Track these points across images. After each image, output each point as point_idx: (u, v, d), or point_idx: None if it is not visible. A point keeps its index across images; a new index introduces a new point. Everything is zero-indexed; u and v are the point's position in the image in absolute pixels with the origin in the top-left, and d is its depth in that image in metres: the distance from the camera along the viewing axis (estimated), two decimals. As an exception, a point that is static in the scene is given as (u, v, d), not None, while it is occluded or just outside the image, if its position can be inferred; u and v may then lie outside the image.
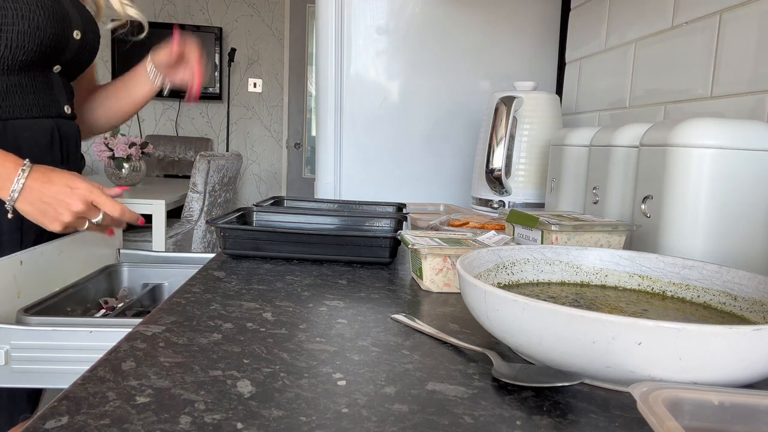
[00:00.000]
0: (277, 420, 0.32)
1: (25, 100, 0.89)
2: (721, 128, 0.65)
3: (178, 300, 0.55)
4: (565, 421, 0.34)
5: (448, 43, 1.46)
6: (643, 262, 0.56)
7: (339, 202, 1.13)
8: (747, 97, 0.83)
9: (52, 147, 0.94)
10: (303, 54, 4.52)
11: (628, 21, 1.17)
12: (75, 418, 0.31)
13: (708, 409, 0.30)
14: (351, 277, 0.67)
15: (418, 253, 0.62)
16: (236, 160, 3.05)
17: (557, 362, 0.38)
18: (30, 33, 0.85)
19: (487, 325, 0.42)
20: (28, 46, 0.85)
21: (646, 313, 0.49)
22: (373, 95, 1.44)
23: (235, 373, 0.38)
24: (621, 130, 0.84)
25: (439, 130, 1.48)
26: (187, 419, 0.32)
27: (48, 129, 0.93)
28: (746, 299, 0.49)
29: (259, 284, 0.62)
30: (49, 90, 0.93)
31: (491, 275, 0.53)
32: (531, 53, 1.50)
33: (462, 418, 0.33)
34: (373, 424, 0.32)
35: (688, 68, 0.97)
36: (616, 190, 0.85)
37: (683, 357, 0.34)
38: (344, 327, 0.49)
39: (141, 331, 0.45)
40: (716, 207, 0.65)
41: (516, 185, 1.20)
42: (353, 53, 1.43)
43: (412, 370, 0.40)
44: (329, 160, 1.45)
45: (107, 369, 0.38)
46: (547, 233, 0.71)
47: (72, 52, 0.95)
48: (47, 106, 0.92)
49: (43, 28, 0.86)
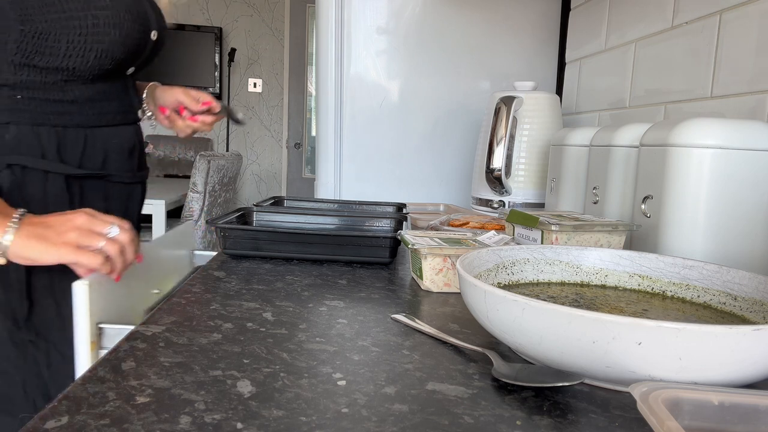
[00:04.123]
0: (277, 420, 0.32)
1: (109, 107, 0.86)
2: (721, 128, 0.65)
3: (178, 300, 0.55)
4: (565, 421, 0.34)
5: (448, 43, 1.46)
6: (643, 262, 0.56)
7: (339, 202, 1.13)
8: (747, 97, 0.83)
9: (132, 154, 0.91)
10: (303, 54, 4.52)
11: (628, 21, 1.17)
12: (75, 418, 0.31)
13: (708, 409, 0.30)
14: (351, 277, 0.67)
15: (418, 253, 0.62)
16: (236, 160, 3.05)
17: (557, 362, 0.38)
18: (120, 41, 0.81)
19: (487, 325, 0.42)
20: (117, 54, 0.81)
21: (646, 313, 0.49)
22: (373, 95, 1.44)
23: (235, 373, 0.38)
24: (621, 130, 0.84)
25: (439, 130, 1.48)
26: (187, 419, 0.32)
27: (130, 135, 0.90)
28: (746, 299, 0.49)
29: (259, 284, 0.62)
30: (126, 95, 0.90)
31: (491, 275, 0.53)
32: (531, 53, 1.50)
33: (462, 418, 0.33)
34: (373, 424, 0.32)
35: (688, 68, 0.97)
36: (616, 190, 0.85)
37: (683, 357, 0.34)
38: (344, 327, 0.49)
39: (141, 331, 0.45)
40: (716, 207, 0.65)
41: (516, 185, 1.20)
42: (353, 53, 1.43)
43: (412, 370, 0.40)
44: (329, 160, 1.45)
45: (107, 369, 0.38)
46: (547, 233, 0.71)
47: (147, 54, 0.91)
48: (127, 112, 0.90)
49: (132, 35, 0.83)
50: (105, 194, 0.86)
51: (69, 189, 0.81)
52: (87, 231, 0.70)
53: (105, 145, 0.85)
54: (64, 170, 0.80)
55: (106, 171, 0.86)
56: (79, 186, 0.82)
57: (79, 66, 0.78)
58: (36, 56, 0.75)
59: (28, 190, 0.78)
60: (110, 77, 0.86)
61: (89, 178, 0.83)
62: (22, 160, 0.77)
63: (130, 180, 0.91)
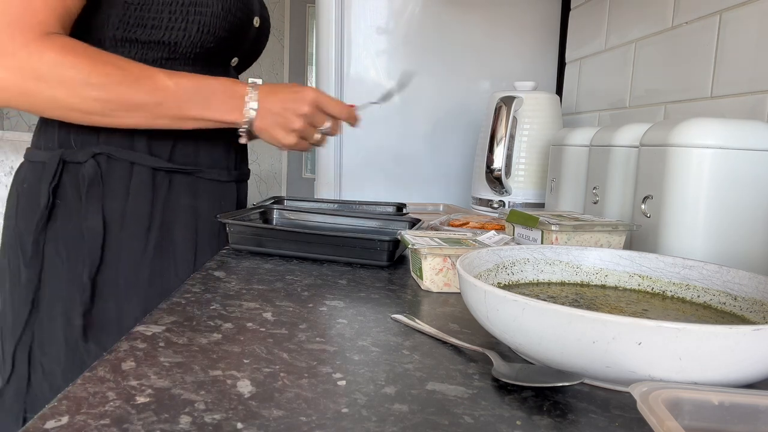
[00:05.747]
0: (277, 420, 0.32)
1: None
2: (721, 128, 0.65)
3: (178, 300, 0.55)
4: (565, 421, 0.34)
5: (448, 43, 1.46)
6: (643, 262, 0.56)
7: (339, 202, 1.13)
8: (747, 97, 0.83)
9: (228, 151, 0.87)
10: (303, 54, 4.53)
11: (628, 21, 1.17)
12: (75, 418, 0.31)
13: (708, 409, 0.30)
14: (351, 277, 0.67)
15: (418, 253, 0.62)
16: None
17: (557, 362, 0.38)
18: (222, 16, 0.77)
19: (487, 325, 0.42)
20: (218, 31, 0.77)
21: (646, 313, 0.49)
22: (373, 95, 1.44)
23: (235, 373, 0.38)
24: (621, 130, 0.84)
25: (439, 130, 1.48)
26: (187, 419, 0.32)
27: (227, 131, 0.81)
28: (746, 299, 0.49)
29: (259, 284, 0.62)
30: None
31: (491, 275, 0.53)
32: (531, 53, 1.50)
33: (462, 418, 0.33)
34: (373, 424, 0.32)
35: (688, 68, 0.97)
36: (616, 190, 0.85)
37: (683, 357, 0.34)
38: (344, 327, 0.49)
39: (141, 331, 0.46)
40: (716, 207, 0.65)
41: (516, 185, 1.20)
42: (353, 53, 1.43)
43: (412, 370, 0.40)
44: (329, 160, 1.45)
45: (107, 369, 0.38)
46: (547, 233, 0.71)
47: (250, 42, 0.88)
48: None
49: (234, 12, 0.79)
50: (194, 191, 0.82)
51: (154, 183, 0.77)
52: (310, 124, 0.78)
53: (197, 140, 0.81)
54: (151, 163, 0.77)
55: (197, 167, 0.82)
56: (167, 180, 0.79)
57: (180, 40, 0.75)
58: (138, 29, 0.73)
59: (112, 181, 0.75)
60: (212, 64, 0.82)
61: (178, 173, 0.80)
62: (110, 150, 0.75)
63: (224, 178, 0.86)
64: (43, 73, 0.65)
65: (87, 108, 0.68)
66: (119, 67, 0.69)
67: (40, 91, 0.66)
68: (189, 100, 0.72)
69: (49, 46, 0.66)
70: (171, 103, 0.71)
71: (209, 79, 0.74)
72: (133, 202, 0.76)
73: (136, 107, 0.70)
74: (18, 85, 0.65)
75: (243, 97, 0.74)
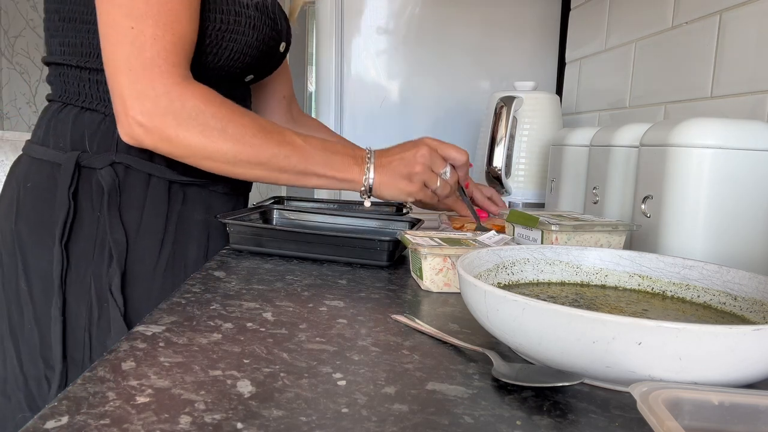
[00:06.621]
0: (277, 420, 0.32)
1: None
2: (721, 128, 0.65)
3: (178, 300, 0.55)
4: (565, 421, 0.34)
5: (448, 43, 1.46)
6: (643, 262, 0.56)
7: (339, 202, 1.13)
8: (747, 97, 0.83)
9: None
10: (303, 54, 4.52)
11: (628, 21, 1.17)
12: (75, 418, 0.31)
13: (708, 409, 0.30)
14: (351, 277, 0.67)
15: (418, 253, 0.62)
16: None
17: (557, 362, 0.38)
18: (255, 45, 0.78)
19: (487, 325, 0.42)
20: (247, 58, 0.79)
21: (646, 313, 0.49)
22: (373, 95, 1.44)
23: (235, 373, 0.38)
24: (621, 130, 0.84)
25: (439, 130, 1.48)
26: (187, 419, 0.32)
27: None
28: (746, 299, 0.49)
29: (259, 284, 0.62)
30: (244, 104, 0.86)
31: (491, 275, 0.53)
32: (531, 53, 1.50)
33: (462, 418, 0.33)
34: (373, 424, 0.32)
35: (688, 68, 0.97)
36: (616, 190, 0.85)
37: (683, 357, 0.34)
38: (344, 327, 0.49)
39: (141, 331, 0.46)
40: (716, 207, 0.65)
41: (516, 185, 1.20)
42: (353, 53, 1.43)
43: (412, 370, 0.40)
44: (329, 160, 1.44)
45: (107, 369, 0.38)
46: (547, 233, 0.71)
47: (272, 65, 0.89)
48: None
49: (266, 42, 0.80)
50: (207, 204, 0.82)
51: (170, 195, 0.77)
52: (429, 169, 0.79)
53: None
54: (169, 176, 0.77)
55: (209, 179, 0.81)
56: (182, 193, 0.79)
57: (208, 62, 0.75)
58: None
59: (128, 192, 0.75)
60: (233, 82, 0.83)
61: (192, 186, 0.80)
62: (128, 160, 0.74)
63: (235, 191, 0.87)
64: (183, 120, 0.67)
65: (221, 157, 0.70)
66: (253, 119, 0.72)
67: (180, 138, 0.67)
68: (314, 156, 0.74)
69: (190, 93, 0.67)
70: (299, 158, 0.73)
71: (333, 142, 0.78)
72: (149, 214, 0.76)
73: (267, 158, 0.72)
74: (161, 130, 0.67)
75: (363, 157, 0.77)
